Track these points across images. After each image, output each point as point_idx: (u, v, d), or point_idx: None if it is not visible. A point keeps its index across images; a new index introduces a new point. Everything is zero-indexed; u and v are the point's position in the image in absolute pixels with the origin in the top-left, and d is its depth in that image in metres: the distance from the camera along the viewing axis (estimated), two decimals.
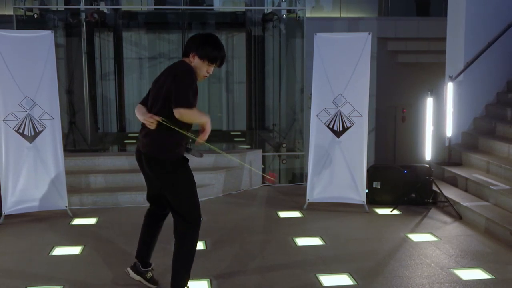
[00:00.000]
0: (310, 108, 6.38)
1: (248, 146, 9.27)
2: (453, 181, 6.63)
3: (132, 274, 4.01)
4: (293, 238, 5.23)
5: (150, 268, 4.03)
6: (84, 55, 9.03)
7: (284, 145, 9.10)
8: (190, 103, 3.42)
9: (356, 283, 4.19)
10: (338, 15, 10.48)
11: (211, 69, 3.66)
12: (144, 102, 3.73)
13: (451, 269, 4.47)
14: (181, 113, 3.42)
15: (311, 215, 6.02)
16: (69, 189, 6.14)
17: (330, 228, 5.57)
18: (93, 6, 9.18)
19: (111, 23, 9.64)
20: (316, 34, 6.16)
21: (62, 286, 4.12)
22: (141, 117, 3.62)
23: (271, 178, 3.72)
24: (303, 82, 8.62)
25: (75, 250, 4.91)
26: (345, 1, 10.58)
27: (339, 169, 6.18)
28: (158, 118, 3.51)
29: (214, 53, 3.60)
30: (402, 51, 10.57)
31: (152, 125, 3.53)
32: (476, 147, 7.12)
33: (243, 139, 10.09)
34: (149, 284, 4.00)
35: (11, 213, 5.76)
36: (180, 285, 3.74)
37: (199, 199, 3.76)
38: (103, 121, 9.67)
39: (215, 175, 6.83)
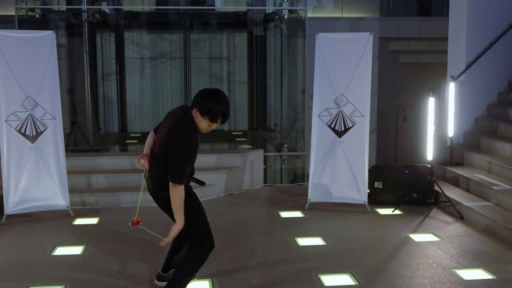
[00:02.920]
0: (311, 108, 6.38)
1: (250, 146, 9.27)
2: (455, 181, 6.62)
3: (158, 283, 4.07)
4: (295, 238, 5.23)
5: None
6: (86, 55, 9.03)
7: (285, 145, 9.09)
8: (181, 179, 3.41)
9: (357, 283, 4.19)
10: (340, 15, 10.47)
11: (214, 125, 3.52)
12: (156, 130, 3.76)
13: (453, 269, 4.47)
14: (173, 188, 3.42)
15: (313, 215, 6.02)
16: (71, 189, 6.15)
17: (332, 228, 5.57)
18: (94, 6, 9.18)
19: (112, 23, 9.65)
20: (317, 34, 6.15)
21: (63, 286, 4.13)
22: (144, 150, 3.74)
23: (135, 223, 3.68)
24: (305, 82, 8.62)
25: (77, 250, 4.91)
26: (346, 1, 10.57)
27: (340, 169, 6.18)
28: (146, 166, 3.63)
29: (215, 110, 3.42)
30: (403, 51, 10.56)
31: (139, 167, 3.67)
32: (477, 147, 7.11)
33: (245, 139, 10.09)
34: None
35: (13, 213, 5.76)
36: None
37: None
38: (104, 121, 9.67)
39: (217, 175, 6.83)
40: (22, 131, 5.73)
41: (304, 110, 8.74)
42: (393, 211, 6.12)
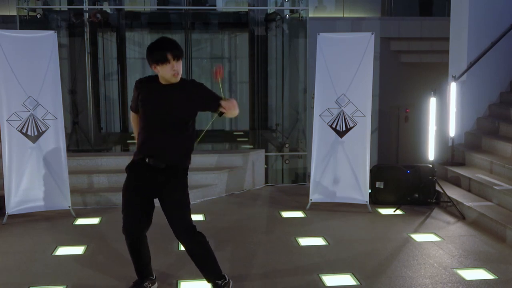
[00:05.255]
0: (313, 108, 6.38)
1: (251, 146, 9.26)
2: (456, 181, 6.62)
3: None
4: (296, 238, 5.23)
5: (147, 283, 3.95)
6: (87, 55, 9.03)
7: (287, 145, 9.08)
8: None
9: (359, 283, 4.19)
10: (341, 15, 10.47)
11: (169, 67, 3.55)
12: (135, 109, 4.06)
13: (454, 269, 4.47)
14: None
15: (314, 215, 6.02)
16: (72, 189, 6.15)
17: (333, 228, 5.57)
18: (96, 6, 9.18)
19: (114, 23, 9.64)
20: (319, 34, 6.15)
21: (65, 286, 4.13)
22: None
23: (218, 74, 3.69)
24: (306, 82, 8.61)
25: (78, 250, 4.92)
26: (348, 1, 10.57)
27: (342, 169, 6.18)
28: None
29: (153, 55, 3.50)
30: (405, 51, 10.56)
31: None
32: (479, 147, 7.10)
33: (246, 139, 10.08)
34: None
35: (14, 213, 5.77)
36: None
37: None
38: (106, 121, 9.67)
39: (218, 175, 6.83)
40: (24, 131, 5.73)
41: (305, 110, 8.74)
42: (394, 211, 6.12)
